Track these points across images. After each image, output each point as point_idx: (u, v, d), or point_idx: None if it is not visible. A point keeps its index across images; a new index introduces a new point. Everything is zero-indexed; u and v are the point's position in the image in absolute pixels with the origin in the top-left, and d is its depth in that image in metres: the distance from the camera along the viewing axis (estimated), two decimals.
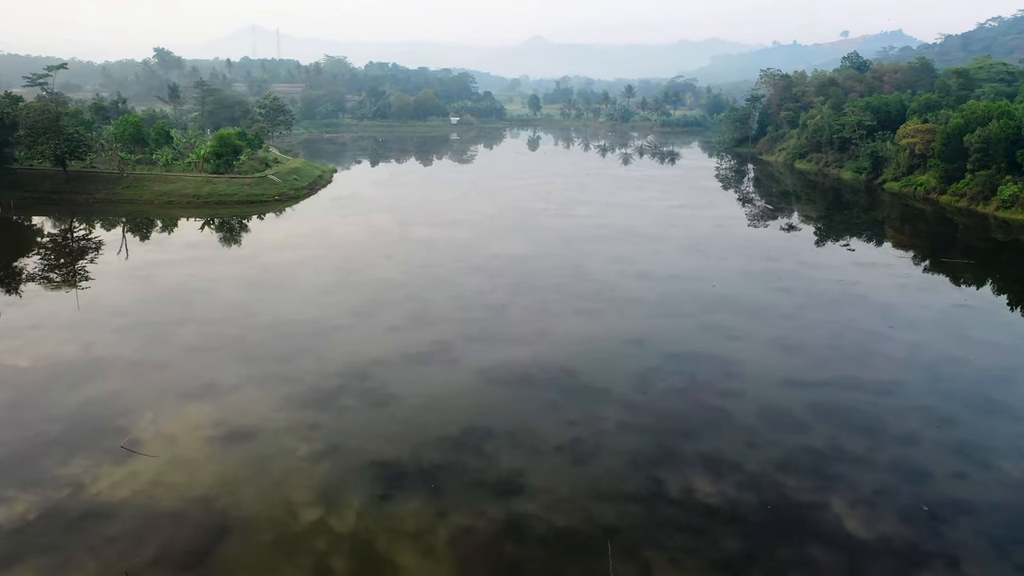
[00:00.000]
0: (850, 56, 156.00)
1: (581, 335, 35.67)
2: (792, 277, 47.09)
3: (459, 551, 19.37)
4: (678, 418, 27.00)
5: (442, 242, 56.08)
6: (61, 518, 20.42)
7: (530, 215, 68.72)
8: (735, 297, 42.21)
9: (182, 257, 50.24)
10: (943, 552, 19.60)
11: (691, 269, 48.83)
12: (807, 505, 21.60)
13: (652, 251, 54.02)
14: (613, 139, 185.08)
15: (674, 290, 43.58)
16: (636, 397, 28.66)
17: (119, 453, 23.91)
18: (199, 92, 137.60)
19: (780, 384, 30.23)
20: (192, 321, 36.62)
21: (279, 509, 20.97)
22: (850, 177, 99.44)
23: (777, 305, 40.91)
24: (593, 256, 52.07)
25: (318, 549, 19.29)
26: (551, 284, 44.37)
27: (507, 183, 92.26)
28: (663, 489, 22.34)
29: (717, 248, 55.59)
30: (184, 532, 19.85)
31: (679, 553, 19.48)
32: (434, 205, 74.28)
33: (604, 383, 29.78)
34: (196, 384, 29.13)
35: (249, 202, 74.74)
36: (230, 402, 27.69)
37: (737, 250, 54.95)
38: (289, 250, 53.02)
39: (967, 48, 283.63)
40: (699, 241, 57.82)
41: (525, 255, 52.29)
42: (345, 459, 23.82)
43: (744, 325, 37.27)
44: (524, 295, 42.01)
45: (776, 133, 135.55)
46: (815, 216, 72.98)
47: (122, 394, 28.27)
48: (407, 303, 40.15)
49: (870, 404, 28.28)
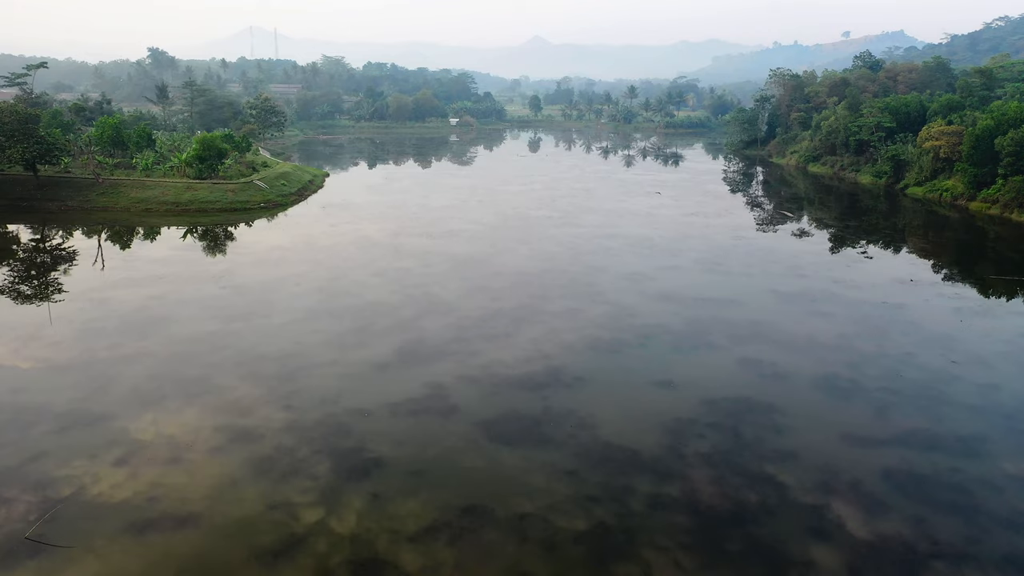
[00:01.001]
0: (862, 55, 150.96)
1: (600, 375, 30.59)
2: (829, 298, 42.04)
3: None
4: (724, 495, 21.90)
5: (439, 256, 51.02)
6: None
7: (534, 224, 63.68)
8: (770, 324, 37.17)
9: (148, 275, 45.14)
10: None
11: (715, 288, 43.77)
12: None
13: (669, 266, 48.98)
14: (616, 141, 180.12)
15: (701, 315, 38.51)
16: (671, 462, 23.58)
17: (24, 546, 18.87)
18: (188, 93, 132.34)
19: (840, 442, 25.15)
20: (145, 357, 31.53)
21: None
22: (869, 181, 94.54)
23: (818, 334, 35.85)
24: (606, 273, 47.02)
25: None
26: (561, 308, 39.32)
27: (508, 188, 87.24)
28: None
29: (739, 262, 50.57)
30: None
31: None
32: (431, 212, 69.23)
33: (631, 442, 24.69)
34: (131, 448, 24.02)
35: (232, 210, 69.68)
36: (173, 475, 22.60)
37: (761, 265, 49.94)
38: (269, 266, 47.94)
39: (974, 48, 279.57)
40: (718, 254, 52.78)
41: (530, 271, 47.23)
42: (309, 561, 18.76)
43: (786, 360, 32.23)
44: (531, 323, 36.95)
45: (787, 135, 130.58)
46: (837, 224, 68.00)
47: (40, 459, 23.17)
48: (398, 333, 35.09)
49: (955, 471, 23.22)
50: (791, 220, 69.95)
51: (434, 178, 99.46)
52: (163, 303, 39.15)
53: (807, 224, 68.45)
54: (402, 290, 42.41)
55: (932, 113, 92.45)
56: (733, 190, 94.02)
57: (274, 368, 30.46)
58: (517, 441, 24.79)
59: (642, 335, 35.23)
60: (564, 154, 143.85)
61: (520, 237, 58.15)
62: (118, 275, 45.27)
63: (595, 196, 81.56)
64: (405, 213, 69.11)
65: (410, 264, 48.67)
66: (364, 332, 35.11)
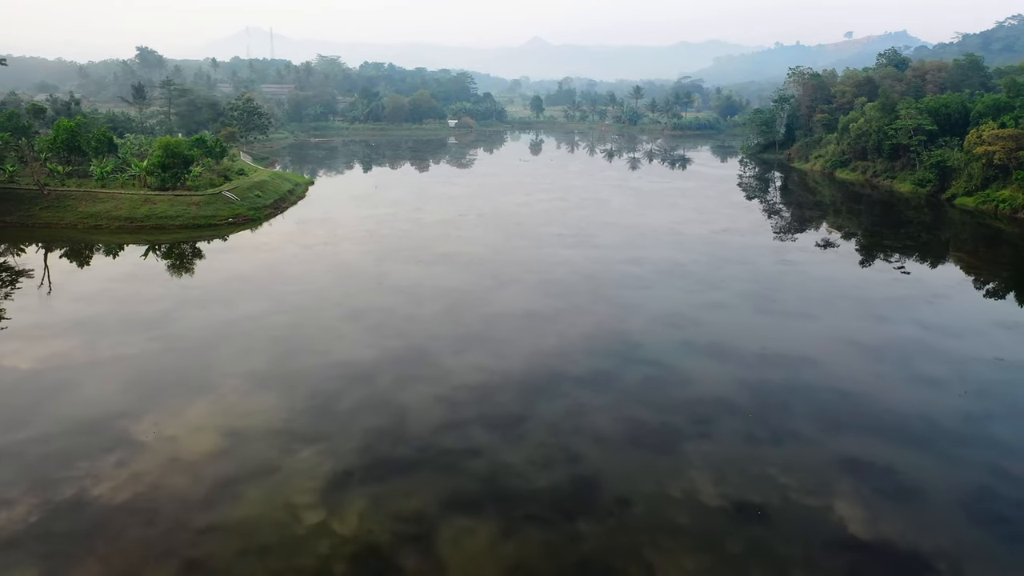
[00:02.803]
0: (887, 53, 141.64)
1: (650, 497, 21.32)
2: (926, 354, 32.85)
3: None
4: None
5: (429, 290, 41.82)
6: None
7: (543, 244, 54.49)
8: (865, 398, 27.98)
9: (63, 320, 35.91)
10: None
11: (777, 337, 34.57)
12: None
13: (713, 304, 39.78)
14: (622, 143, 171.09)
15: (770, 382, 29.30)
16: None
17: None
18: (167, 92, 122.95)
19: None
20: (7, 461, 22.34)
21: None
22: (908, 190, 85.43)
23: (936, 414, 26.67)
24: (637, 313, 37.83)
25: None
26: (586, 371, 30.12)
27: (511, 199, 77.99)
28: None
29: (796, 297, 41.44)
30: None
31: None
32: (423, 230, 60.04)
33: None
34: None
35: (195, 226, 60.50)
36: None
37: (824, 301, 40.78)
38: (219, 305, 38.71)
39: (987, 48, 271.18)
40: (769, 286, 43.62)
41: (542, 312, 38.02)
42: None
43: (910, 465, 23.02)
44: (548, 396, 27.76)
45: (809, 138, 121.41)
46: (890, 241, 58.84)
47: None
48: (368, 415, 25.90)
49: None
50: (840, 238, 60.83)
51: (429, 186, 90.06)
52: (63, 368, 29.83)
53: (859, 242, 59.32)
54: (381, 342, 33.21)
55: (976, 115, 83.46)
56: (760, 200, 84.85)
57: (188, 489, 21.20)
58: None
59: (699, 417, 26.03)
60: (569, 158, 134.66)
61: (527, 262, 48.99)
62: (24, 319, 36.01)
63: (610, 208, 72.41)
64: (393, 230, 59.94)
65: (394, 302, 39.42)
66: (323, 415, 25.91)
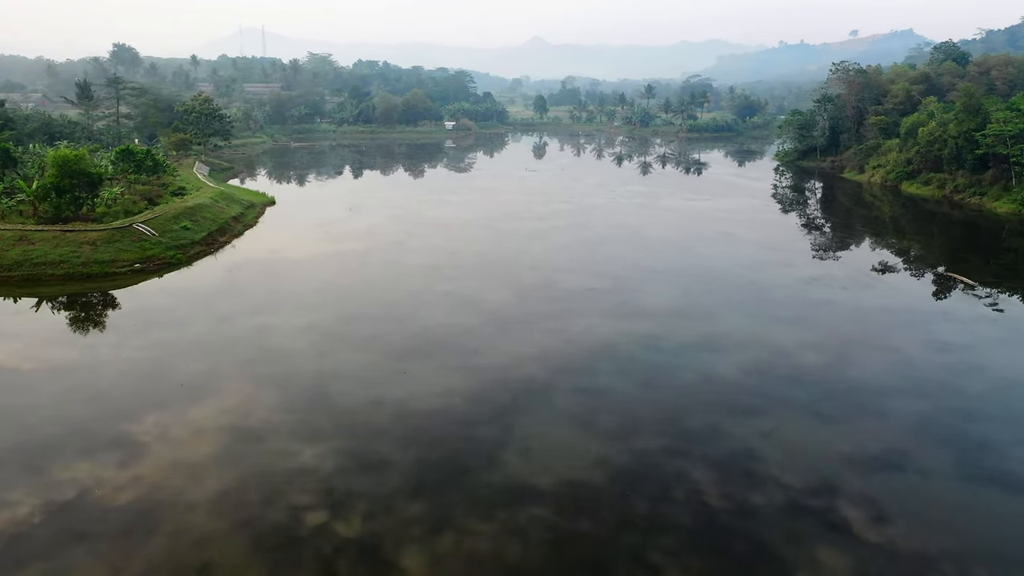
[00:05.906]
0: (942, 46, 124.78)
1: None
2: None
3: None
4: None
5: (398, 429, 24.82)
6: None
7: (570, 312, 37.45)
8: None
9: None
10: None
11: None
12: None
13: (882, 461, 22.83)
14: (636, 147, 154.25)
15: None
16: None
17: None
18: (113, 91, 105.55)
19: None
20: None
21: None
22: (1010, 210, 68.78)
23: None
24: (762, 487, 20.91)
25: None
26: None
27: (519, 226, 60.77)
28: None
29: (1011, 436, 24.63)
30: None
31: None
32: (400, 283, 43.06)
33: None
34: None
35: (85, 276, 43.58)
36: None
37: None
38: (14, 469, 21.76)
39: (1014, 44, 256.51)
40: (954, 414, 26.68)
41: (593, 483, 21.07)
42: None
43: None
44: None
45: (864, 144, 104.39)
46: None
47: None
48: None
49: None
50: (969, 290, 43.93)
51: (417, 207, 72.42)
52: None
53: (994, 294, 42.47)
54: (297, 558, 16.29)
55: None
56: (834, 226, 67.94)
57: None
58: None
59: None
60: (581, 166, 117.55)
61: (554, 349, 31.95)
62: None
63: (648, 241, 55.48)
64: (358, 283, 42.94)
65: (332, 466, 22.35)
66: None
